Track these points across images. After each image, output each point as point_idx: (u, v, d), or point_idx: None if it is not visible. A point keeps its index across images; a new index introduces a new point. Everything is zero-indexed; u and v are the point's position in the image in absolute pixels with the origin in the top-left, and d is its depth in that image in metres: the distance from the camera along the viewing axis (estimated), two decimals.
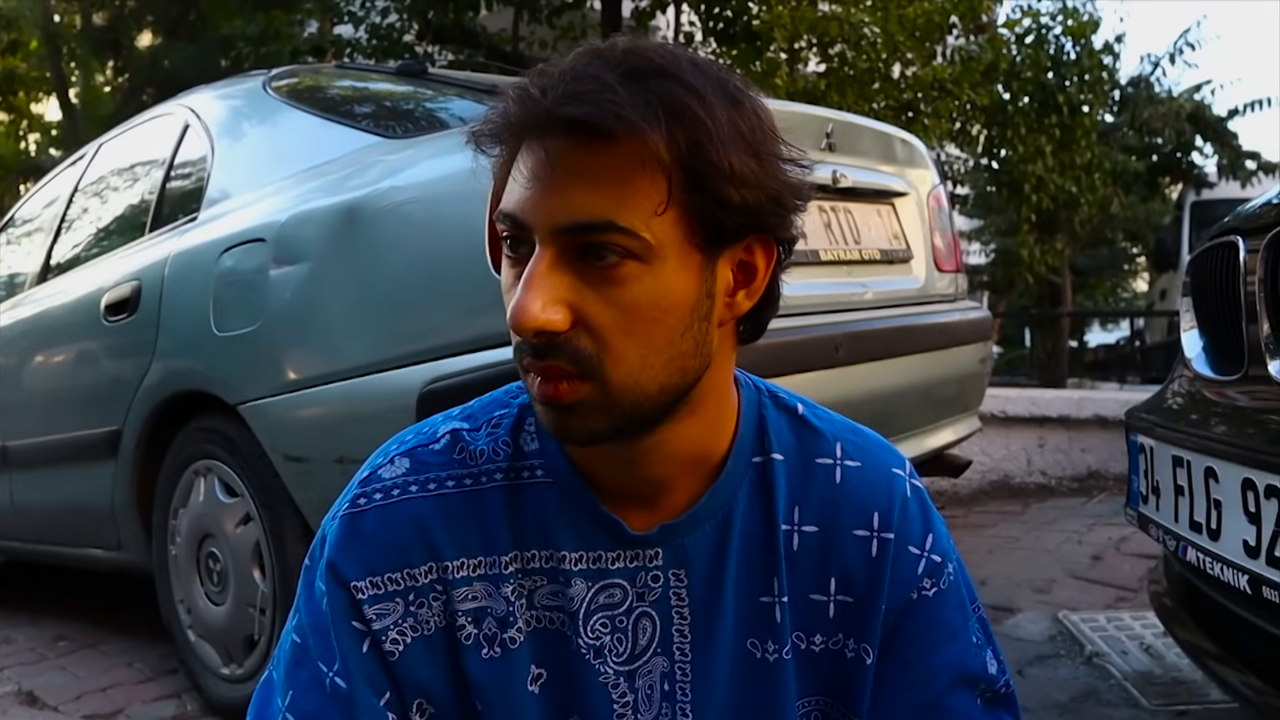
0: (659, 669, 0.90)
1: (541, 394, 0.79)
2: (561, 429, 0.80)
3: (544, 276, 0.75)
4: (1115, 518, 3.86)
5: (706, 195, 0.76)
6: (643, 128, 0.73)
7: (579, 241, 0.75)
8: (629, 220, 0.75)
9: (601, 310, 0.76)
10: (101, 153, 3.42)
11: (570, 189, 0.75)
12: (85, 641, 3.12)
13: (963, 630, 0.95)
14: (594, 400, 0.78)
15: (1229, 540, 1.43)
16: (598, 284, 0.76)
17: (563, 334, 0.76)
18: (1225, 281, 1.66)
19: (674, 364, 0.79)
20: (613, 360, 0.77)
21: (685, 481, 0.88)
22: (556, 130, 0.75)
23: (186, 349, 2.43)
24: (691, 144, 0.75)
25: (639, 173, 0.75)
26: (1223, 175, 12.76)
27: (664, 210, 0.75)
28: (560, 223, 0.75)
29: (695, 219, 0.77)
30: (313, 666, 0.88)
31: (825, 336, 2.21)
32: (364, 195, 2.09)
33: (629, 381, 0.78)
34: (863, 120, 2.91)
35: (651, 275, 0.76)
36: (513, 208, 0.77)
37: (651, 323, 0.77)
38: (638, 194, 0.75)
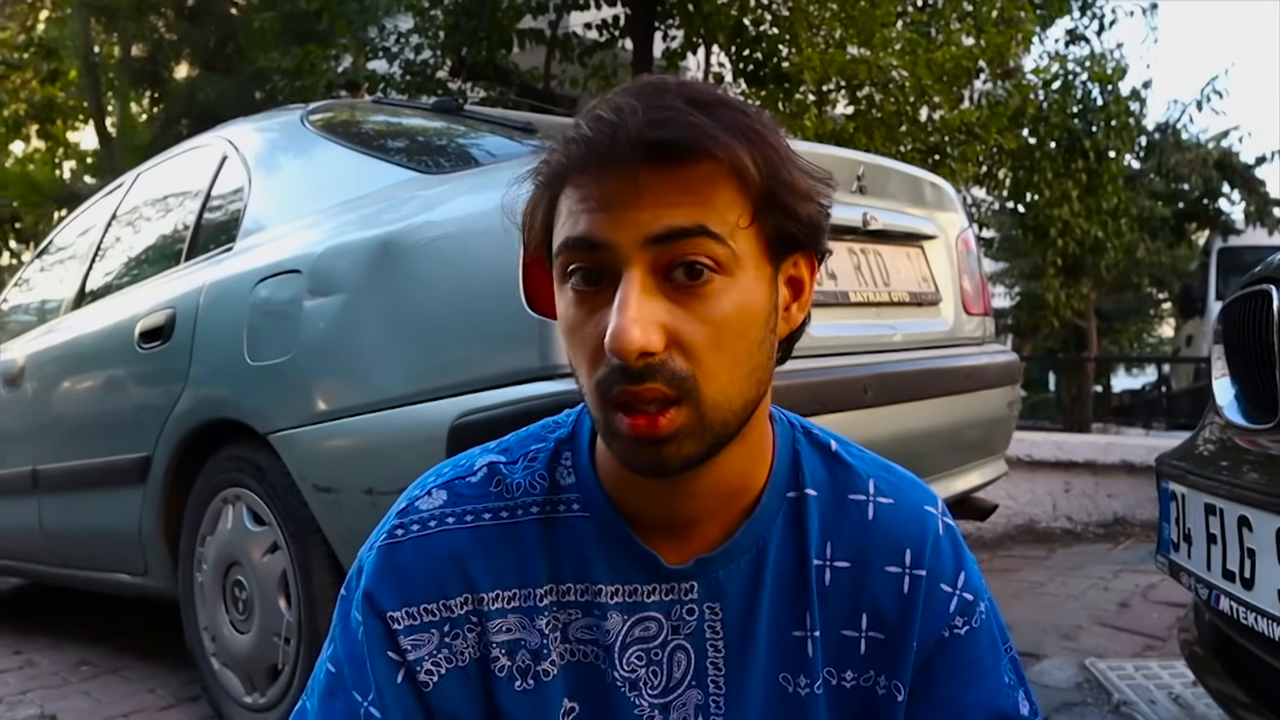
0: (693, 702, 0.90)
1: (640, 431, 0.78)
2: (657, 462, 0.79)
3: (640, 297, 0.76)
4: (1142, 564, 3.83)
5: (779, 209, 0.80)
6: (732, 145, 0.77)
7: (669, 257, 0.77)
8: (717, 226, 0.77)
9: (695, 328, 0.77)
10: (139, 182, 3.47)
11: (658, 205, 0.76)
12: (108, 666, 3.13)
13: (994, 670, 0.94)
14: (690, 425, 0.78)
15: (1263, 589, 1.42)
16: (688, 302, 0.77)
17: (657, 357, 0.76)
18: (1257, 330, 1.65)
19: (753, 377, 0.81)
20: (706, 378, 0.78)
21: (720, 515, 0.88)
22: (639, 155, 0.76)
23: (219, 377, 2.45)
24: (766, 162, 0.79)
25: (722, 188, 0.78)
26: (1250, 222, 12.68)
27: (748, 224, 0.79)
28: (653, 231, 0.76)
29: (768, 233, 0.81)
30: (347, 696, 0.88)
31: (854, 378, 2.22)
32: (399, 229, 2.11)
33: (720, 399, 0.79)
34: (893, 163, 2.93)
35: (736, 287, 0.79)
36: (589, 231, 0.78)
37: (738, 336, 0.79)
38: (724, 207, 0.78)
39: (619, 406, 0.78)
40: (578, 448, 0.92)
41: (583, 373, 0.81)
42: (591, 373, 0.79)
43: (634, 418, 0.78)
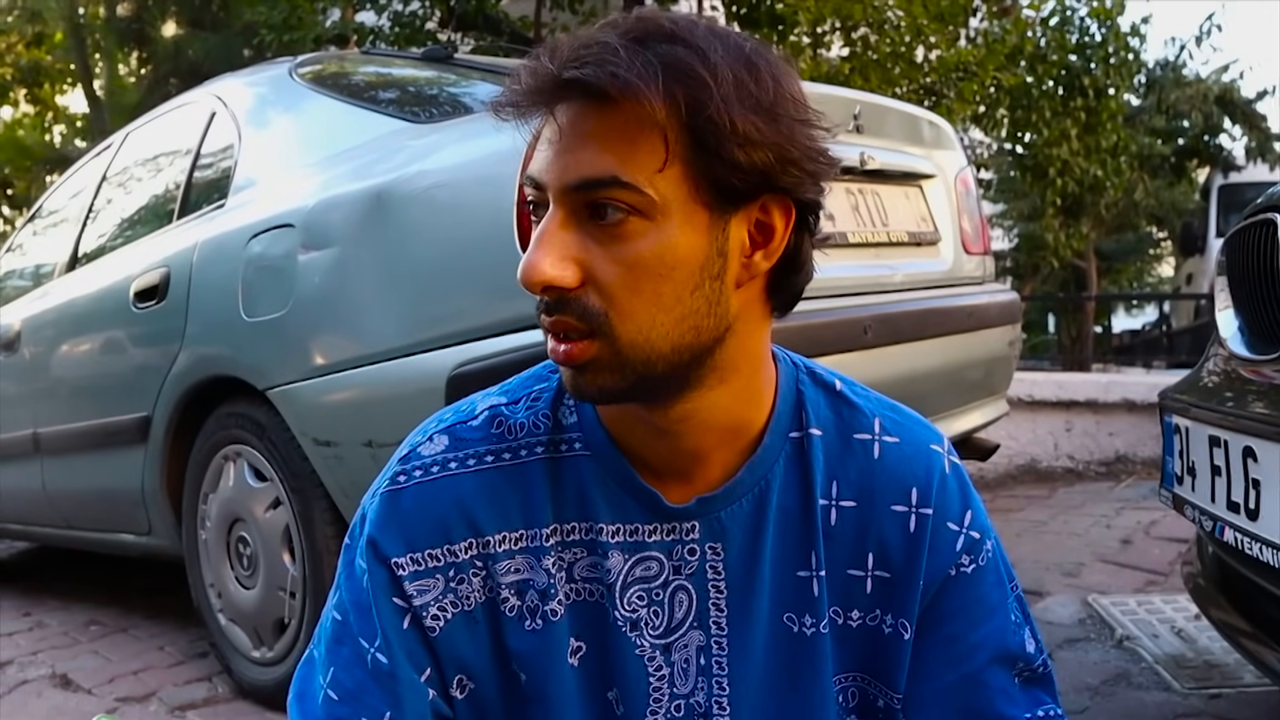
0: (695, 643, 0.90)
1: (555, 355, 0.81)
2: (575, 387, 0.82)
3: (554, 234, 0.78)
4: (1144, 502, 3.84)
5: (710, 153, 0.77)
6: (638, 86, 0.75)
7: (586, 199, 0.77)
8: (632, 176, 0.76)
9: (608, 267, 0.77)
10: (129, 142, 3.43)
11: (578, 149, 0.77)
12: (117, 626, 3.15)
13: (1001, 608, 0.94)
14: (604, 358, 0.79)
15: (1268, 519, 1.42)
16: (605, 241, 0.78)
17: (572, 291, 0.78)
18: (1262, 260, 1.64)
19: (685, 322, 0.79)
20: (620, 317, 0.78)
21: (722, 455, 0.88)
22: (567, 95, 0.77)
23: (215, 335, 2.44)
24: (691, 102, 0.75)
25: (641, 132, 0.76)
26: (1251, 158, 12.60)
27: (665, 167, 0.77)
28: (568, 181, 0.77)
29: (701, 177, 0.78)
30: (354, 643, 0.88)
31: (853, 319, 2.20)
32: (391, 180, 2.09)
33: (638, 339, 0.78)
34: (890, 102, 2.89)
35: (656, 231, 0.77)
36: (533, 170, 0.80)
37: (658, 279, 0.78)
38: (641, 152, 0.76)
39: (548, 332, 0.81)
40: None
41: None
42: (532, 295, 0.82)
43: (555, 343, 0.81)
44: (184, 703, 2.46)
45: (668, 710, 0.90)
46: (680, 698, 0.90)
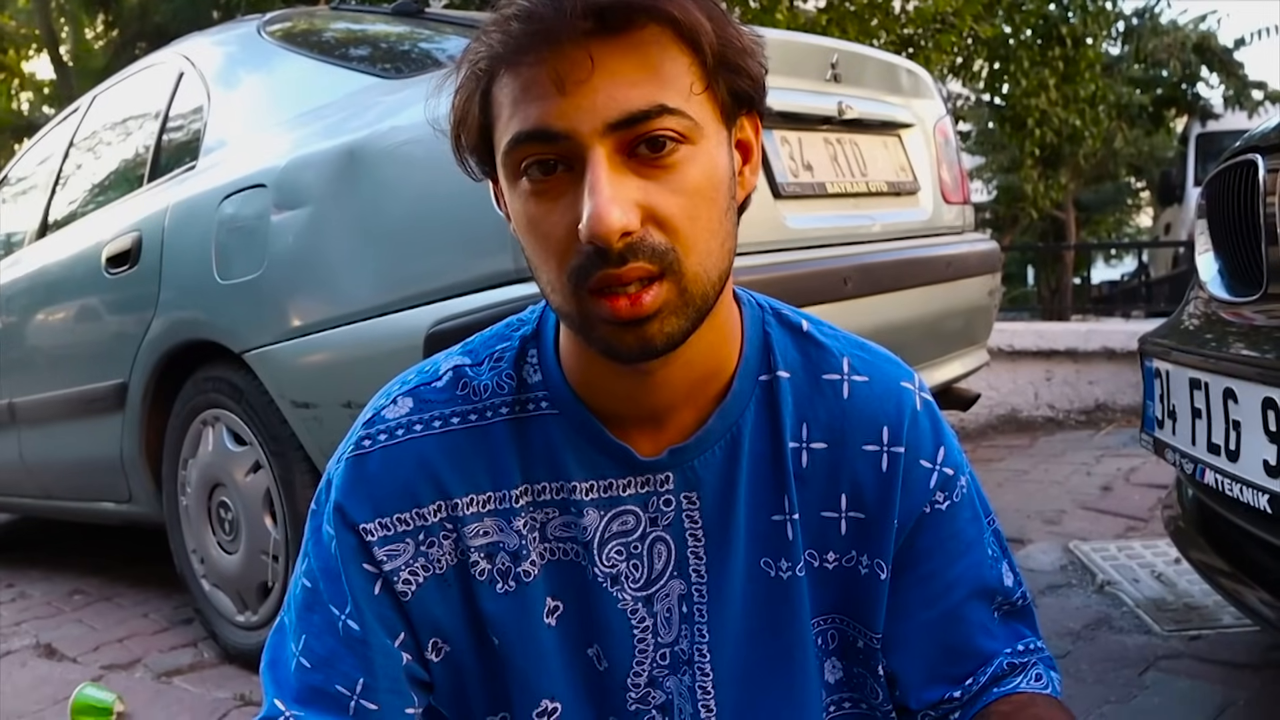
0: (676, 592, 0.89)
1: (623, 313, 0.74)
2: (643, 343, 0.76)
3: (610, 178, 0.72)
4: (1124, 449, 3.87)
5: (731, 69, 0.77)
6: (672, 9, 0.73)
7: (631, 135, 0.73)
8: (676, 101, 0.74)
9: (668, 199, 0.74)
10: (96, 105, 3.38)
11: (612, 84, 0.72)
12: (100, 594, 3.14)
13: (977, 543, 0.94)
14: (673, 300, 0.75)
15: (1248, 461, 1.42)
16: (657, 174, 0.74)
17: (636, 234, 0.73)
18: (1243, 201, 1.63)
19: (725, 246, 0.79)
20: (686, 249, 0.75)
21: (692, 404, 0.86)
22: (588, 25, 0.72)
23: (190, 298, 2.41)
24: (713, 21, 0.75)
25: (670, 56, 0.74)
26: (1229, 106, 12.58)
27: (702, 89, 0.76)
28: (611, 117, 0.72)
29: (721, 95, 0.77)
30: (325, 610, 0.87)
31: (833, 269, 2.19)
32: (364, 137, 2.06)
33: (700, 271, 0.76)
34: (868, 51, 2.87)
35: (701, 154, 0.76)
36: (545, 120, 0.73)
37: (709, 204, 0.76)
38: (675, 75, 0.74)
39: (597, 293, 0.74)
40: (543, 344, 0.89)
41: (548, 267, 0.77)
42: (562, 264, 0.75)
43: (614, 300, 0.74)
44: (170, 669, 2.46)
45: (653, 659, 0.90)
46: (664, 646, 0.90)
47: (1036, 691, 0.92)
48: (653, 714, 0.90)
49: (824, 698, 0.94)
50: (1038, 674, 0.94)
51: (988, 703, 0.92)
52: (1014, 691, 0.92)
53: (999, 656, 0.93)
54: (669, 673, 0.90)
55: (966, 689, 0.92)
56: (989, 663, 0.93)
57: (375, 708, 0.87)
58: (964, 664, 0.93)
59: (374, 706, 0.87)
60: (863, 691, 0.95)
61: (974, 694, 0.92)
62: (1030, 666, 0.94)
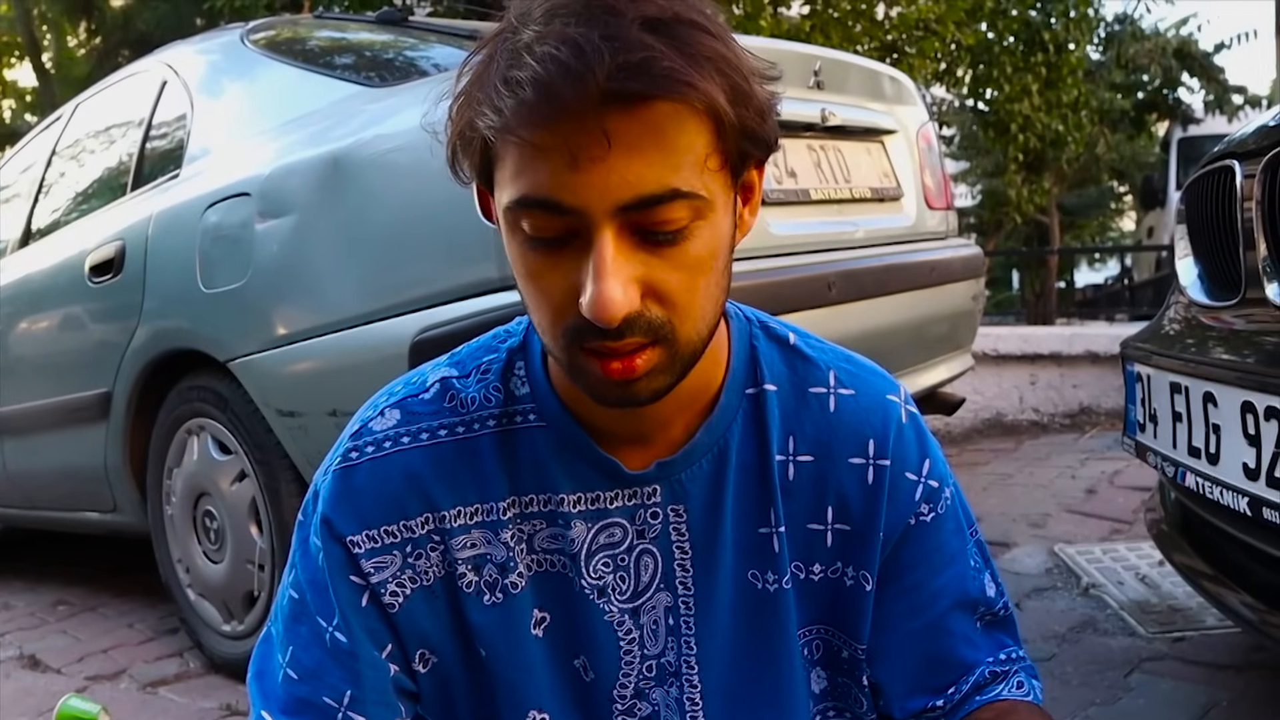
0: (663, 604, 0.89)
1: (616, 374, 0.74)
2: (628, 398, 0.76)
3: (616, 261, 0.70)
4: (1108, 452, 3.89)
5: (741, 134, 0.73)
6: (708, 87, 0.69)
7: (640, 220, 0.71)
8: (688, 183, 0.71)
9: (670, 276, 0.73)
10: (78, 113, 3.37)
11: (624, 164, 0.69)
12: (85, 605, 3.13)
13: (961, 555, 0.94)
14: (663, 362, 0.75)
15: (1228, 464, 1.43)
16: (664, 251, 0.72)
17: (635, 310, 0.72)
18: (1221, 207, 1.65)
19: (718, 303, 0.79)
20: (681, 320, 0.74)
21: (680, 418, 0.87)
22: (608, 105, 0.68)
23: (174, 307, 2.41)
24: (732, 90, 0.71)
25: (684, 129, 0.70)
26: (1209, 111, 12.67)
27: (712, 160, 0.72)
28: (623, 200, 0.69)
29: (731, 158, 0.74)
30: (312, 622, 0.87)
31: (817, 275, 2.20)
32: (348, 145, 2.06)
33: (693, 335, 0.76)
34: (851, 58, 2.88)
35: (708, 227, 0.74)
36: (552, 192, 0.70)
37: (709, 271, 0.75)
38: (689, 151, 0.71)
39: (590, 351, 0.74)
40: (530, 357, 0.89)
41: (542, 315, 0.76)
42: (557, 319, 0.74)
43: (606, 363, 0.74)
44: (155, 679, 2.45)
45: (639, 671, 0.90)
46: (651, 658, 0.90)
47: (1018, 699, 0.93)
48: None
49: (810, 708, 0.95)
50: (1019, 682, 0.95)
51: (970, 710, 0.92)
52: (996, 699, 0.93)
53: (981, 665, 0.94)
54: (655, 684, 0.90)
55: (949, 698, 0.93)
56: (971, 672, 0.94)
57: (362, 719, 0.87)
58: (947, 674, 0.94)
59: (361, 718, 0.87)
60: (847, 701, 0.96)
61: (956, 702, 0.93)
62: (1012, 675, 0.95)
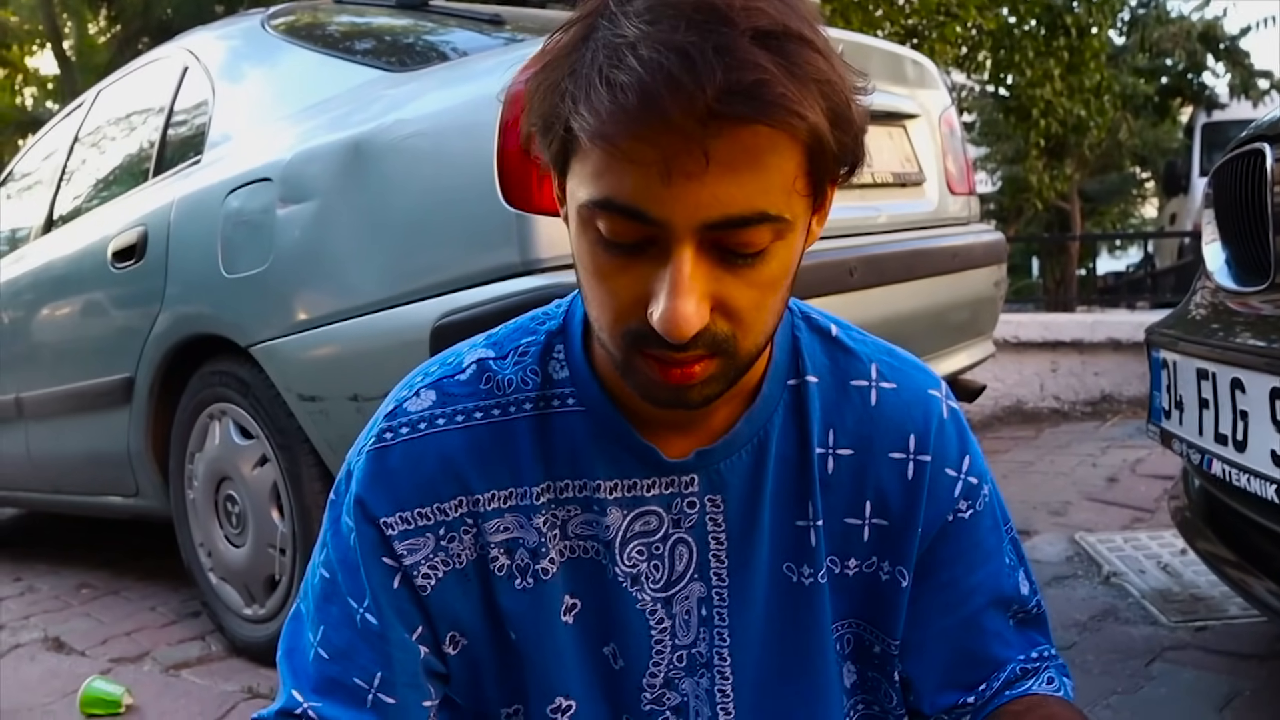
0: (696, 594, 0.89)
1: (673, 379, 0.74)
2: (681, 403, 0.76)
3: (693, 278, 0.69)
4: (1129, 440, 3.87)
5: (831, 155, 0.71)
6: (811, 114, 0.67)
7: (722, 238, 0.69)
8: (776, 206, 0.69)
9: (742, 293, 0.72)
10: (100, 100, 3.38)
11: (716, 183, 0.67)
12: (108, 588, 3.15)
13: (997, 552, 0.94)
14: (721, 371, 0.75)
15: (1256, 451, 1.42)
16: (740, 271, 0.71)
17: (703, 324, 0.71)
18: (1250, 190, 1.63)
19: (781, 315, 0.78)
20: (745, 334, 0.74)
21: (723, 408, 0.85)
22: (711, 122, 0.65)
23: (196, 292, 2.41)
24: (833, 114, 0.69)
25: (779, 151, 0.68)
26: (1234, 95, 12.53)
27: (800, 183, 0.71)
28: (710, 219, 0.68)
29: (814, 177, 0.72)
30: (343, 602, 0.87)
31: (839, 260, 2.19)
32: (369, 130, 2.06)
33: (753, 348, 0.76)
34: (873, 41, 2.86)
35: (786, 248, 0.73)
36: (643, 204, 0.68)
37: (781, 290, 0.75)
38: (780, 174, 0.69)
39: (650, 358, 0.74)
40: (570, 340, 0.88)
41: (604, 314, 0.75)
42: (620, 320, 0.73)
43: (666, 369, 0.74)
44: (178, 662, 2.47)
45: (670, 661, 0.89)
46: (682, 648, 0.89)
47: (1048, 694, 0.93)
48: (667, 715, 0.90)
49: (844, 702, 0.94)
50: (1050, 678, 0.94)
51: (999, 704, 0.92)
52: (1026, 693, 0.93)
53: (1013, 663, 0.94)
54: (685, 674, 0.90)
55: (980, 694, 0.93)
56: (1003, 669, 0.93)
57: (393, 701, 0.87)
58: (978, 670, 0.93)
59: (391, 700, 0.87)
60: (876, 695, 0.95)
61: (987, 698, 0.93)
62: (1043, 671, 0.95)
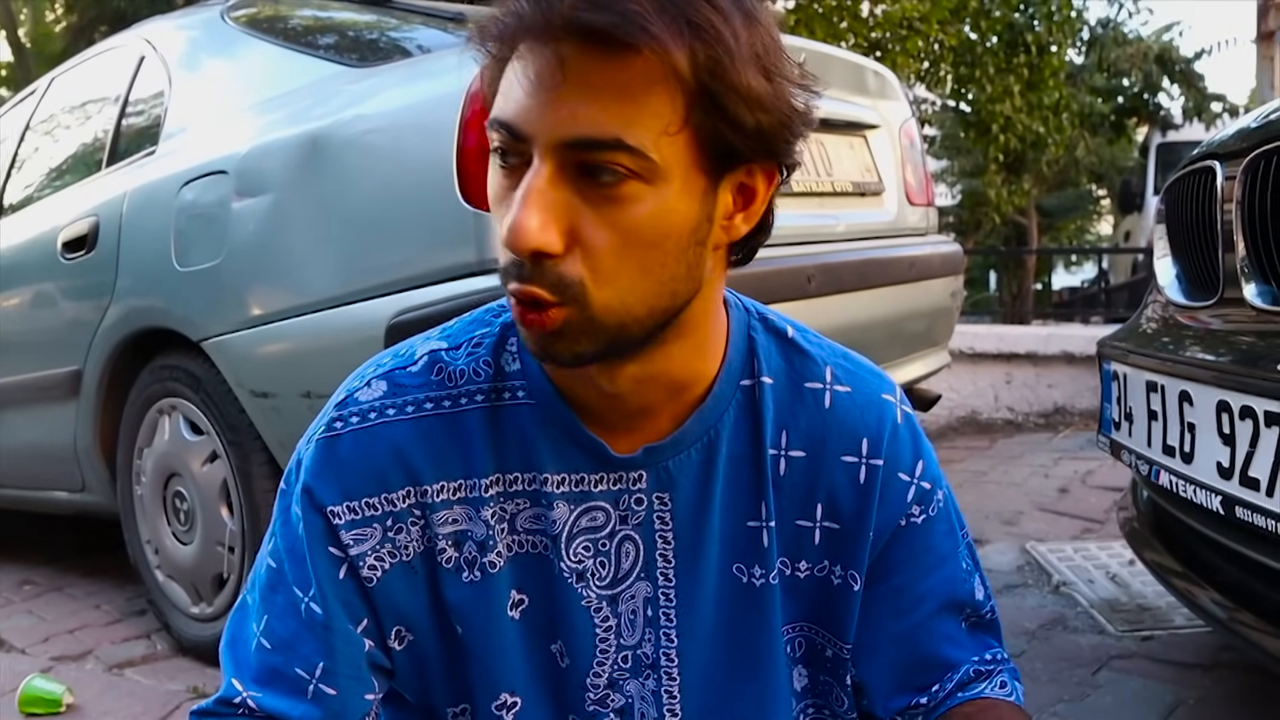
0: (642, 594, 0.88)
1: (528, 325, 0.75)
2: (546, 352, 0.77)
3: (543, 193, 0.71)
4: (1081, 452, 3.91)
5: (720, 116, 0.72)
6: (666, 41, 0.68)
7: (581, 157, 0.71)
8: (638, 139, 0.70)
9: (599, 232, 0.72)
10: (54, 88, 3.32)
11: (578, 100, 0.69)
12: (51, 585, 3.09)
13: (951, 557, 0.94)
14: (578, 323, 0.74)
15: (1202, 463, 1.44)
16: (597, 203, 0.71)
17: (553, 258, 0.72)
18: (1200, 207, 1.65)
19: (665, 287, 0.76)
20: (598, 284, 0.73)
21: (671, 406, 0.85)
22: (571, 35, 0.69)
23: (147, 285, 2.38)
24: (711, 62, 0.70)
25: (653, 89, 0.70)
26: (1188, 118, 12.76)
27: (676, 131, 0.71)
28: (564, 136, 0.70)
29: (705, 141, 0.73)
30: (288, 591, 0.86)
31: (797, 268, 2.20)
32: (327, 125, 2.04)
33: (614, 304, 0.74)
34: (836, 51, 2.88)
35: (654, 196, 0.72)
36: (511, 116, 0.72)
37: (649, 246, 0.73)
38: (649, 112, 0.70)
39: (515, 299, 0.75)
40: None
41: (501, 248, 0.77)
42: (503, 255, 0.75)
43: (525, 312, 0.75)
44: (122, 660, 2.42)
45: (614, 661, 0.89)
46: (627, 649, 0.89)
47: (999, 698, 0.93)
48: (610, 717, 0.89)
49: (793, 706, 0.94)
50: (1002, 682, 0.95)
51: (951, 706, 0.92)
52: (978, 696, 0.93)
53: (965, 665, 0.94)
54: (630, 676, 0.89)
55: (933, 695, 0.93)
56: (955, 670, 0.94)
57: (334, 692, 0.86)
58: (931, 673, 0.94)
59: (332, 691, 0.86)
60: (828, 699, 0.95)
61: (940, 699, 0.93)
62: (995, 674, 0.95)
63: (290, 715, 0.85)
